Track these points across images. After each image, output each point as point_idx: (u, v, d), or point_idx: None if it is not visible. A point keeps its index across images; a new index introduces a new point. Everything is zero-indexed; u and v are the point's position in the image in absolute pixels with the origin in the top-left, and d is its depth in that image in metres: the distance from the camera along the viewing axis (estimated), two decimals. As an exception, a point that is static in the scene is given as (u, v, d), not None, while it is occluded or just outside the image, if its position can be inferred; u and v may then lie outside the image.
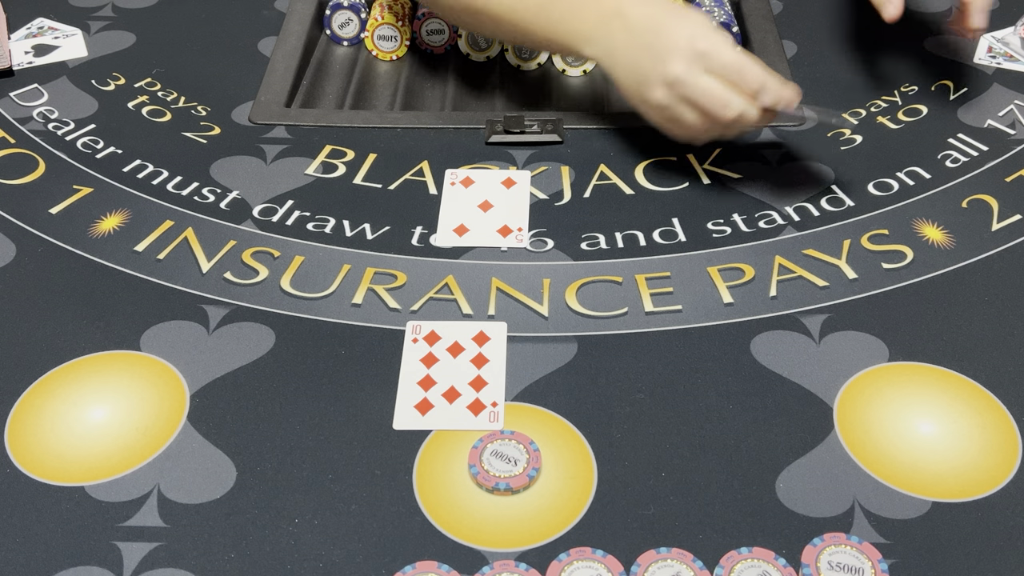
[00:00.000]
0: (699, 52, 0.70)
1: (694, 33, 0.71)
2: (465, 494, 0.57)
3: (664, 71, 0.71)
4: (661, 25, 0.72)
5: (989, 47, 0.93)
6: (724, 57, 0.70)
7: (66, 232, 0.75)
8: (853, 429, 0.60)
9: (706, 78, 0.71)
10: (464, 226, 0.75)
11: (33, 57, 0.95)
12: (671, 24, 0.72)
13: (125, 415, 0.62)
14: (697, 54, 0.70)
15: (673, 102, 0.72)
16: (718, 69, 0.70)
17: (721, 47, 0.70)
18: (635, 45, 0.73)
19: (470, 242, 0.74)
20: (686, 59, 0.70)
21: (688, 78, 0.71)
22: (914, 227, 0.74)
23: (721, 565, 0.53)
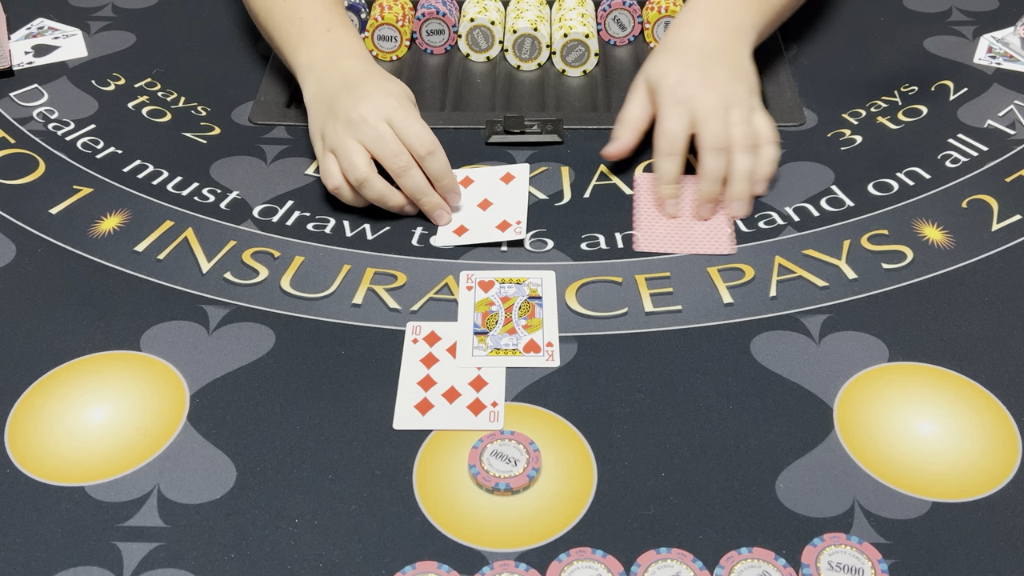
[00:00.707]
0: (383, 112, 0.73)
1: (383, 92, 0.74)
2: (465, 494, 0.57)
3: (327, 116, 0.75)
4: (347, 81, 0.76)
5: (989, 47, 0.93)
6: (410, 124, 0.73)
7: (66, 232, 0.75)
8: (853, 429, 0.60)
9: (383, 126, 0.73)
10: (464, 226, 0.75)
11: (33, 57, 0.95)
12: (366, 81, 0.76)
13: (125, 415, 0.62)
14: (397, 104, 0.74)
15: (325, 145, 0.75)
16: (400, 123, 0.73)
17: (410, 107, 0.75)
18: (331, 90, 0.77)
19: (469, 240, 0.74)
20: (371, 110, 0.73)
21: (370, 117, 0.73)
22: (914, 227, 0.74)
23: (721, 565, 0.53)
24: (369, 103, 0.73)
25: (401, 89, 0.76)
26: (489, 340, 0.66)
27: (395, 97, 0.74)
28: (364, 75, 0.77)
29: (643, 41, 0.98)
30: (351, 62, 0.78)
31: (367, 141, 0.72)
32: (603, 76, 0.93)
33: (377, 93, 0.74)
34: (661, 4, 0.96)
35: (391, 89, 0.75)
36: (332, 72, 0.78)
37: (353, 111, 0.73)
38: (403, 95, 0.76)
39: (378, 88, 0.74)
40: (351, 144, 0.72)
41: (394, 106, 0.73)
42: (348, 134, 0.73)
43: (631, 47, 0.97)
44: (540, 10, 0.96)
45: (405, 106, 0.74)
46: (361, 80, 0.76)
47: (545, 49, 0.94)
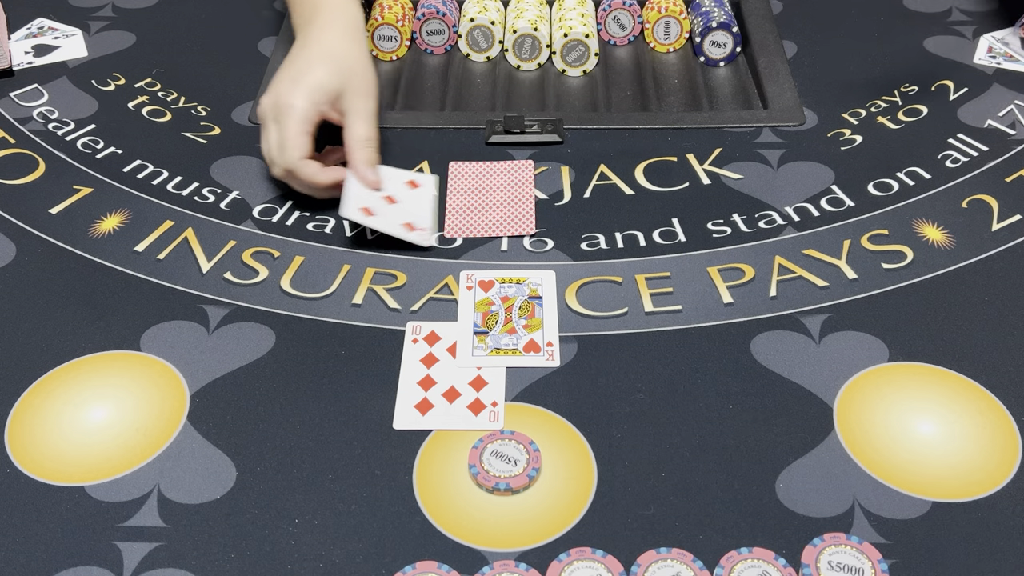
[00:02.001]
0: (279, 105, 0.74)
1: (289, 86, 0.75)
2: (465, 494, 0.57)
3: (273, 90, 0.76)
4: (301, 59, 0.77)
5: (989, 47, 0.93)
6: (287, 130, 0.74)
7: (66, 232, 0.75)
8: (853, 429, 0.60)
9: (270, 125, 0.75)
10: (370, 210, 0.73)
11: (33, 57, 0.94)
12: (299, 61, 0.77)
13: (125, 415, 0.62)
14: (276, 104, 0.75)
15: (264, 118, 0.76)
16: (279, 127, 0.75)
17: (291, 121, 0.74)
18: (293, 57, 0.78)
19: (374, 225, 0.73)
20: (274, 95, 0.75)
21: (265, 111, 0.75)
22: (914, 227, 0.74)
23: (721, 565, 0.53)
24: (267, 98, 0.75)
25: (330, 72, 0.75)
26: (489, 340, 0.66)
27: (301, 88, 0.74)
28: (304, 53, 0.77)
29: (643, 41, 0.98)
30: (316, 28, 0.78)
31: None
32: (603, 76, 0.93)
33: (276, 88, 0.75)
34: (661, 4, 0.96)
35: (314, 75, 0.75)
36: (300, 39, 0.79)
37: (278, 93, 0.75)
38: (322, 83, 0.75)
39: (283, 80, 0.75)
40: (268, 127, 0.76)
41: (273, 110, 0.75)
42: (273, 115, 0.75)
43: (631, 47, 0.97)
44: (540, 10, 0.96)
45: (286, 113, 0.74)
46: (290, 61, 0.77)
47: (545, 49, 0.94)
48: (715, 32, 0.93)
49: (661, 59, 0.96)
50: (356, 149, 0.74)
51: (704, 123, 0.86)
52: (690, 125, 0.86)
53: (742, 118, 0.86)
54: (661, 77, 0.93)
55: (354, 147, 0.74)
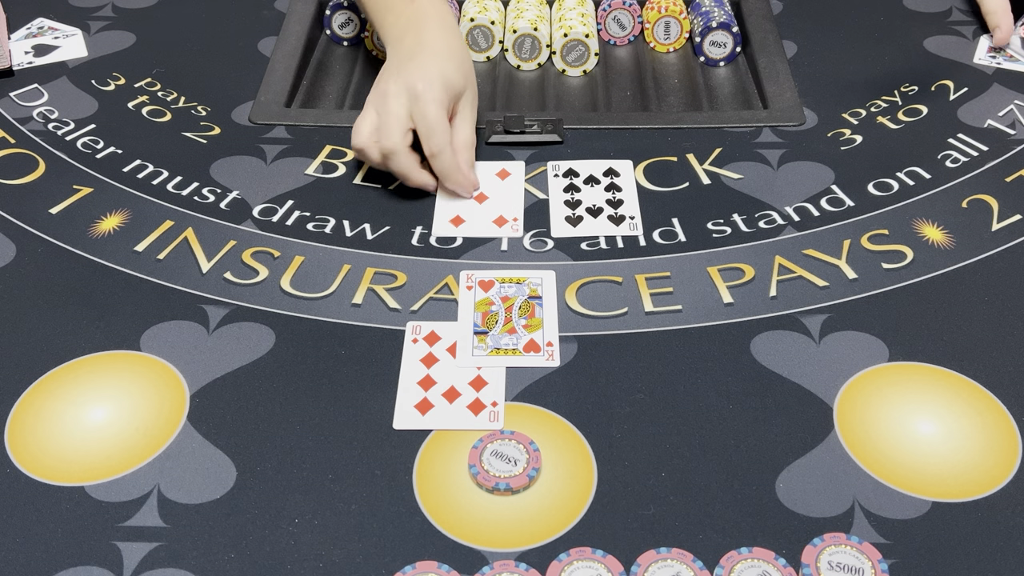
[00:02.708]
0: (416, 92, 0.74)
1: (425, 74, 0.75)
2: (465, 494, 0.57)
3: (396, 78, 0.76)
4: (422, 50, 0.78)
5: (989, 47, 0.93)
6: (429, 113, 0.74)
7: (66, 232, 0.75)
8: (853, 429, 0.60)
9: (402, 107, 0.75)
10: (460, 217, 0.76)
11: (33, 57, 0.95)
12: (427, 55, 0.77)
13: (125, 415, 0.62)
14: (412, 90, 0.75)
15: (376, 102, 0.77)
16: (416, 114, 0.75)
17: (431, 103, 0.74)
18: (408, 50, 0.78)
19: (466, 232, 0.74)
20: (404, 85, 0.75)
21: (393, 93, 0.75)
22: (914, 227, 0.74)
23: (721, 565, 0.53)
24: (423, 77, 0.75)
25: (457, 70, 0.76)
26: (489, 340, 0.66)
27: (438, 79, 0.75)
28: (424, 50, 0.77)
29: (643, 41, 0.98)
30: (425, 30, 0.79)
31: (414, 114, 0.75)
32: (603, 76, 0.93)
33: (407, 76, 0.75)
34: (661, 4, 0.96)
35: (444, 69, 0.76)
36: (405, 44, 0.79)
37: (415, 80, 0.74)
38: (452, 79, 0.76)
39: (414, 70, 0.75)
40: (395, 109, 0.75)
41: (423, 90, 0.74)
42: (399, 100, 0.75)
43: (631, 47, 0.97)
44: (540, 10, 0.96)
45: (434, 93, 0.74)
46: (418, 54, 0.77)
47: (545, 49, 0.94)
48: (715, 32, 0.93)
49: (661, 59, 0.96)
50: (463, 150, 0.77)
51: (704, 123, 0.86)
52: (690, 125, 0.86)
53: (742, 118, 0.86)
54: (661, 77, 0.93)
55: (461, 149, 0.77)
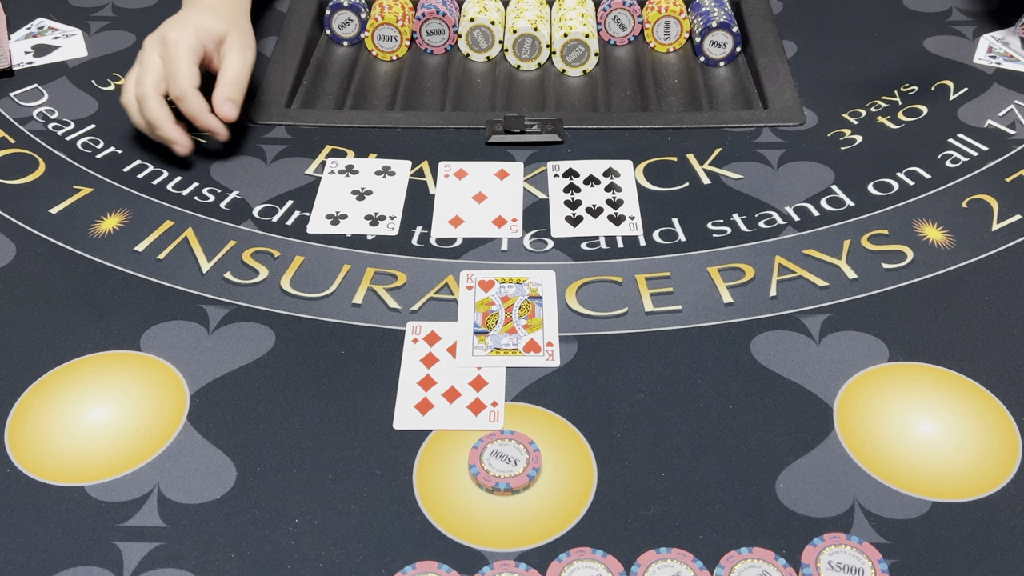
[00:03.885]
0: (166, 39, 0.78)
1: (177, 23, 0.80)
2: (465, 494, 0.57)
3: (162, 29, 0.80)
4: None
5: (989, 47, 0.93)
6: (173, 57, 0.78)
7: (66, 232, 0.75)
8: (853, 429, 0.60)
9: (154, 55, 0.79)
10: (459, 217, 0.76)
11: (33, 57, 0.94)
12: (187, 9, 0.83)
13: (125, 415, 0.62)
14: (163, 38, 0.79)
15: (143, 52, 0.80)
16: (165, 60, 0.78)
17: (177, 48, 0.77)
18: None
19: (465, 232, 0.74)
20: (159, 34, 0.79)
21: (148, 46, 0.79)
22: (914, 227, 0.74)
23: (721, 565, 0.53)
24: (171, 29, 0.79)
25: (214, 18, 0.81)
26: (489, 340, 0.66)
27: (189, 25, 0.79)
28: (183, 10, 0.83)
29: (643, 41, 0.98)
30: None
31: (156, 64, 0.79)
32: (603, 76, 0.93)
33: (162, 29, 0.79)
34: (661, 4, 0.96)
35: (199, 18, 0.80)
36: None
37: (167, 29, 0.79)
38: (207, 24, 0.80)
39: (169, 24, 0.80)
40: (147, 57, 0.79)
41: (172, 38, 0.78)
42: (152, 50, 0.79)
43: (631, 47, 0.97)
44: (540, 10, 0.96)
45: (182, 38, 0.78)
46: (175, 16, 0.82)
47: (545, 49, 0.94)
48: (715, 32, 0.93)
49: (661, 59, 0.96)
50: (222, 85, 0.80)
51: (704, 123, 0.86)
52: (690, 125, 0.86)
53: (742, 118, 0.86)
54: (661, 77, 0.93)
55: (221, 83, 0.80)
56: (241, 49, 0.81)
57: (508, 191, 0.79)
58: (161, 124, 0.78)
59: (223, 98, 0.79)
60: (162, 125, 0.78)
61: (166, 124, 0.78)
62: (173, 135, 0.78)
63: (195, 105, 0.77)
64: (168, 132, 0.78)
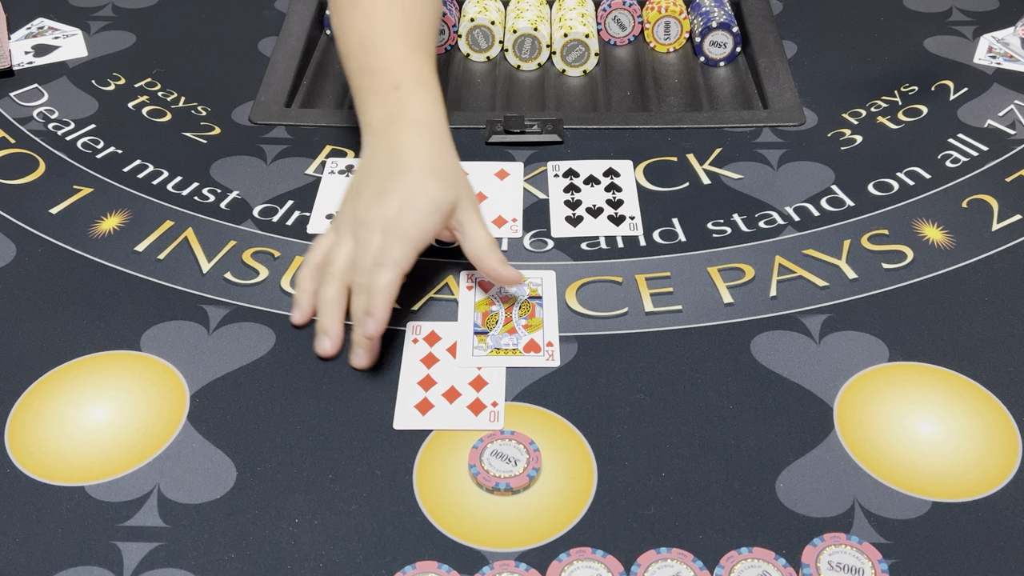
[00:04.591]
0: (390, 230, 0.65)
1: (405, 210, 0.65)
2: (465, 494, 0.57)
3: (363, 206, 0.66)
4: (407, 167, 0.67)
5: (989, 47, 0.93)
6: (380, 277, 0.64)
7: (66, 232, 0.75)
8: (853, 429, 0.60)
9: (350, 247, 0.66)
10: None
11: (33, 57, 0.95)
12: (410, 175, 0.67)
13: (125, 415, 0.62)
14: (386, 227, 0.65)
15: (347, 231, 0.67)
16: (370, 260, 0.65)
17: (399, 255, 0.64)
18: (386, 154, 0.69)
19: None
20: (379, 219, 0.65)
21: (368, 230, 0.66)
22: (914, 227, 0.74)
23: (721, 565, 0.53)
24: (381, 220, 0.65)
25: (431, 202, 0.66)
26: (489, 340, 0.66)
27: (421, 213, 0.66)
28: (407, 166, 0.67)
29: (643, 41, 0.98)
30: (407, 134, 0.69)
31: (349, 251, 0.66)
32: (603, 76, 0.93)
33: (386, 205, 0.66)
34: (661, 4, 0.96)
35: (429, 192, 0.66)
36: (384, 142, 0.69)
37: (398, 223, 0.65)
38: (439, 200, 0.66)
39: (404, 203, 0.66)
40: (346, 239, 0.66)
41: (390, 245, 0.65)
42: (349, 230, 0.67)
43: (631, 47, 0.97)
44: (540, 10, 0.96)
45: (403, 249, 0.65)
46: (388, 176, 0.67)
47: (545, 49, 0.94)
48: (715, 32, 0.93)
49: (661, 59, 0.96)
50: (488, 254, 0.67)
51: (704, 123, 0.86)
52: (690, 125, 0.86)
53: (742, 118, 0.86)
54: (661, 77, 0.93)
55: (484, 254, 0.67)
56: (475, 210, 0.68)
57: (508, 191, 0.78)
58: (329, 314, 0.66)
59: (499, 263, 0.67)
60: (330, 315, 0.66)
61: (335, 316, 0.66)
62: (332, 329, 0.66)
63: (389, 296, 0.64)
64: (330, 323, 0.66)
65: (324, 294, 0.66)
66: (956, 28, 0.96)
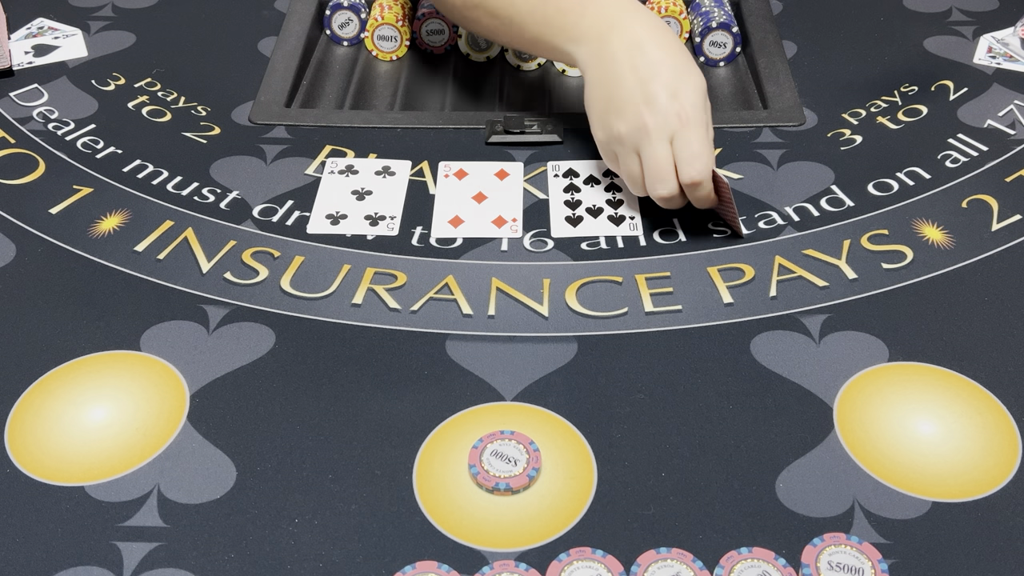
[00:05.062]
0: (679, 118, 0.69)
1: (688, 93, 0.69)
2: (465, 494, 0.57)
3: (638, 114, 0.69)
4: (663, 63, 0.70)
5: (989, 47, 0.93)
6: (693, 143, 0.69)
7: (66, 232, 0.75)
8: (853, 429, 0.60)
9: (664, 147, 0.69)
10: (459, 217, 0.76)
11: (33, 57, 0.95)
12: (677, 69, 0.69)
13: (125, 415, 0.62)
14: (675, 119, 0.69)
15: (626, 145, 0.71)
16: (680, 146, 0.69)
17: (697, 129, 0.68)
18: (628, 66, 0.70)
19: (465, 232, 0.74)
20: (663, 117, 0.69)
21: (652, 135, 0.69)
22: (914, 227, 0.74)
23: (721, 565, 0.53)
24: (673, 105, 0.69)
25: (699, 81, 0.70)
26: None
27: (690, 101, 0.69)
28: (658, 54, 0.69)
29: (643, 41, 0.98)
30: (631, 24, 0.70)
31: None
32: (603, 76, 0.93)
33: (660, 101, 0.68)
34: (661, 4, 0.96)
35: (692, 83, 0.69)
36: (618, 40, 0.70)
37: (663, 110, 0.68)
38: (698, 83, 0.70)
39: (660, 90, 0.68)
40: (663, 153, 0.69)
41: (685, 119, 0.68)
42: (658, 138, 0.69)
43: (631, 47, 0.97)
44: (540, 10, 0.96)
45: (697, 117, 0.69)
46: (659, 61, 0.69)
47: (545, 49, 0.94)
48: (715, 32, 0.93)
49: (661, 59, 0.96)
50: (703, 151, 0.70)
51: (704, 123, 0.86)
52: (690, 125, 0.85)
53: (742, 118, 0.86)
54: (661, 77, 0.93)
55: None
56: None
57: (508, 191, 0.79)
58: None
59: None
60: None
61: None
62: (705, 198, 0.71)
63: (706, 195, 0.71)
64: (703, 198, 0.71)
65: (662, 194, 0.71)
66: (956, 28, 0.96)
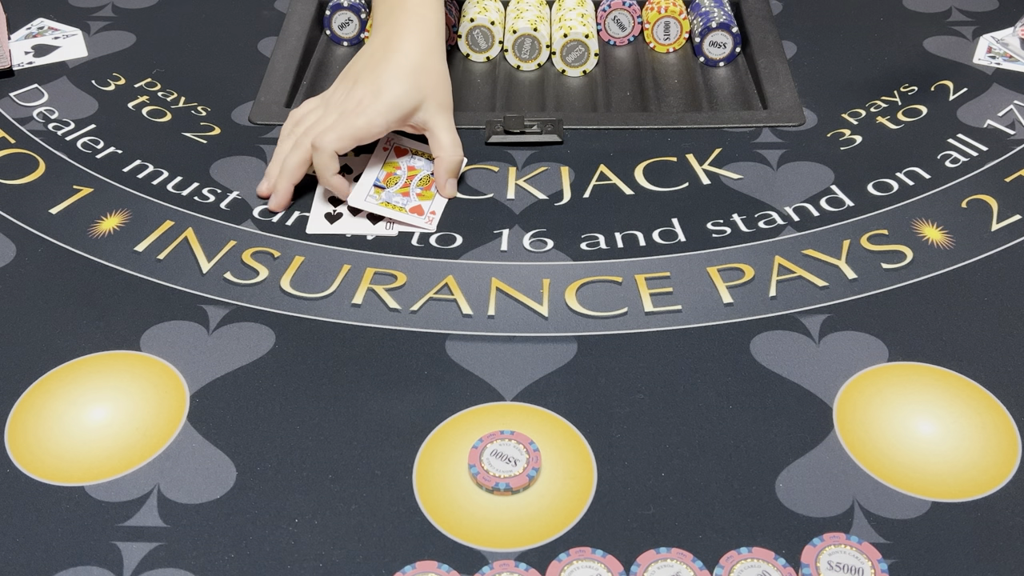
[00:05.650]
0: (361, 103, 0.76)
1: (364, 101, 0.76)
2: (465, 494, 0.57)
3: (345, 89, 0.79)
4: (380, 63, 0.77)
5: (989, 47, 0.93)
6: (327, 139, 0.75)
7: (66, 232, 0.75)
8: (853, 429, 0.60)
9: None
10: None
11: (33, 57, 0.95)
12: (390, 64, 0.77)
13: (125, 415, 0.62)
14: None
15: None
16: None
17: (333, 138, 0.74)
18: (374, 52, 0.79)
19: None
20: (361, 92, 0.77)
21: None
22: (914, 227, 0.74)
23: (721, 565, 0.53)
24: (338, 101, 0.78)
25: (391, 101, 0.76)
26: (383, 195, 0.76)
27: (360, 106, 0.76)
28: (386, 61, 0.77)
29: (643, 41, 0.98)
30: (400, 27, 0.78)
31: None
32: (603, 76, 0.93)
33: (353, 95, 0.77)
34: (661, 4, 0.96)
35: (378, 101, 0.75)
36: (382, 33, 0.79)
37: (336, 96, 0.79)
38: (404, 99, 0.76)
39: (366, 95, 0.76)
40: None
41: (342, 103, 0.77)
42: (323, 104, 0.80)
43: (631, 47, 0.98)
44: (540, 10, 0.96)
45: (359, 115, 0.75)
46: (368, 66, 0.78)
47: (545, 49, 0.94)
48: (715, 32, 0.93)
49: (661, 59, 0.96)
50: (448, 157, 0.78)
51: (704, 123, 0.86)
52: (690, 125, 0.86)
53: (742, 118, 0.86)
54: (661, 77, 0.93)
55: (445, 156, 0.78)
56: (444, 114, 0.79)
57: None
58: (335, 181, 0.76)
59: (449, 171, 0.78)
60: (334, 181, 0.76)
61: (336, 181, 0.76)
62: (338, 185, 0.76)
63: (334, 169, 0.76)
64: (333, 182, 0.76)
65: (281, 147, 0.80)
66: (956, 28, 0.96)
